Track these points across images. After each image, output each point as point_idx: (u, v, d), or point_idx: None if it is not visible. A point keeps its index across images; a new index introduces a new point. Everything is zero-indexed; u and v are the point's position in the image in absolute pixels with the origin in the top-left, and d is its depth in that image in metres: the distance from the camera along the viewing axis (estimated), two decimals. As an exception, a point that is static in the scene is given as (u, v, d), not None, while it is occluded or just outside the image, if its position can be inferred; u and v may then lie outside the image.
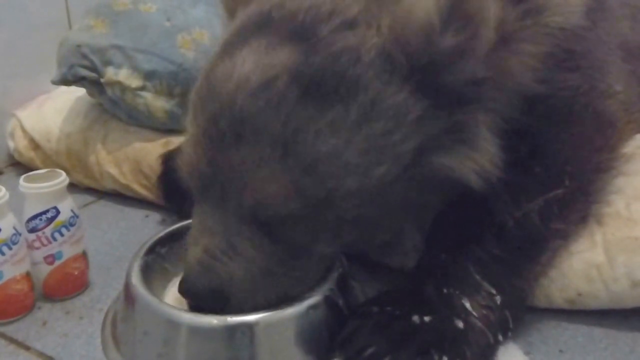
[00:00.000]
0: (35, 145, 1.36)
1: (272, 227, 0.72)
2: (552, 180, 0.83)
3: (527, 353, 0.80)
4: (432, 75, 0.70)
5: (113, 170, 1.24)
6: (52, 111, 1.37)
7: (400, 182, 0.73)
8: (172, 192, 1.13)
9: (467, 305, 0.76)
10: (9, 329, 0.88)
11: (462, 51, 0.69)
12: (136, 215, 1.21)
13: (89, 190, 1.31)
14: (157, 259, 0.89)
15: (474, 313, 0.76)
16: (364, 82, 0.69)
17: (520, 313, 0.82)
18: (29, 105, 1.43)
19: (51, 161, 1.32)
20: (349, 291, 0.84)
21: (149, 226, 1.17)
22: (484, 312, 0.77)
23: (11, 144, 1.42)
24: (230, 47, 0.75)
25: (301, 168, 0.69)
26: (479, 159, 0.74)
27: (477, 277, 0.78)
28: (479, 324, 0.76)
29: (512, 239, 0.80)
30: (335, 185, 0.70)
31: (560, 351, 0.81)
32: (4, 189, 0.87)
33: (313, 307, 0.76)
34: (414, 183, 0.74)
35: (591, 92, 0.87)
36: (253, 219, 0.72)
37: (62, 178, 0.91)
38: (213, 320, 0.73)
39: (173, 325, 0.74)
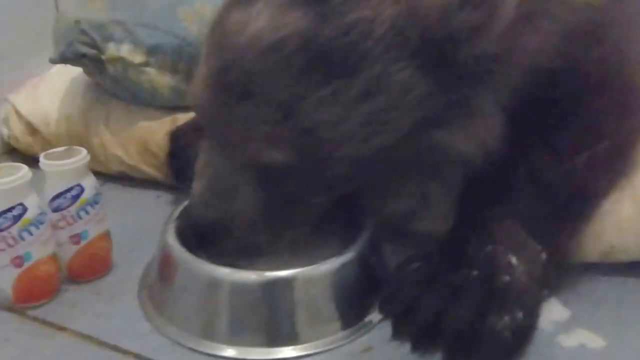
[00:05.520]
0: (32, 130, 1.30)
1: (270, 177, 0.76)
2: (591, 138, 0.83)
3: (565, 303, 0.81)
4: (443, 50, 0.69)
5: (119, 152, 1.20)
6: (48, 93, 1.31)
7: (398, 150, 0.75)
8: (181, 170, 1.10)
9: (514, 260, 0.76)
10: (40, 312, 0.84)
11: (479, 29, 0.68)
12: (147, 196, 1.18)
13: (94, 173, 1.26)
14: None
15: (521, 268, 0.76)
16: (372, 58, 0.69)
17: (564, 269, 0.82)
18: (22, 89, 1.36)
19: (51, 146, 1.24)
20: (380, 252, 0.86)
21: (161, 206, 1.13)
22: (530, 267, 0.77)
23: (5, 131, 1.35)
24: None
25: (300, 131, 0.71)
26: (481, 134, 0.75)
27: (524, 233, 0.78)
28: (525, 279, 0.76)
29: (559, 194, 0.81)
30: (332, 149, 0.72)
31: (596, 303, 0.82)
32: (25, 167, 0.83)
33: (346, 264, 0.78)
34: (411, 152, 0.76)
35: (621, 61, 0.87)
36: (253, 167, 0.76)
37: (84, 154, 0.87)
38: (252, 275, 0.76)
39: (213, 281, 0.77)
